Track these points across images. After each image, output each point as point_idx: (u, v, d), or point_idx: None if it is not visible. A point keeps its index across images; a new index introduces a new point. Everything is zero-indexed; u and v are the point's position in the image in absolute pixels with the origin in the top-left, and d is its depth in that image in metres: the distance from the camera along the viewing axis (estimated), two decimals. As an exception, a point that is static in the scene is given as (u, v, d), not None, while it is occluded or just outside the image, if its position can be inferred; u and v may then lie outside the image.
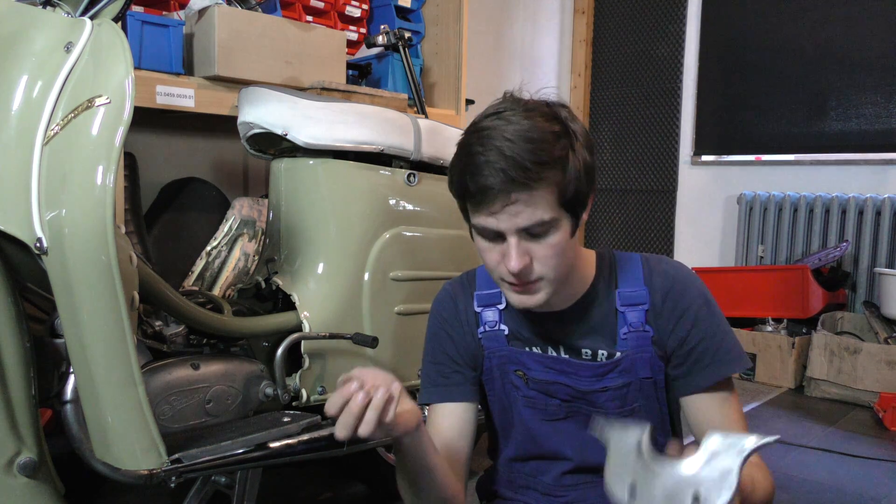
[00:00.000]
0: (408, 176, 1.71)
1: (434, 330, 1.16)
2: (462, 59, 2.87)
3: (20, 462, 1.12)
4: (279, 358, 1.48)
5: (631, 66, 4.28)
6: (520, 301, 1.00)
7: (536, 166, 0.91)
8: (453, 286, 1.17)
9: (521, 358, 1.09)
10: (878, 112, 3.46)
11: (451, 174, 1.00)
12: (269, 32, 2.10)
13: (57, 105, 1.10)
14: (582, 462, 1.09)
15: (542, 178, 0.92)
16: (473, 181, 0.93)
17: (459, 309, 1.14)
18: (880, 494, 2.08)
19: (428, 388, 1.14)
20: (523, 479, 1.13)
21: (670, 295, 1.05)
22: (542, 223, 0.94)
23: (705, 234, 4.04)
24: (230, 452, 1.32)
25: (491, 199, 0.92)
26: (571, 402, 1.08)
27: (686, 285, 1.06)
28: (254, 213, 2.02)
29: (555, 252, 0.97)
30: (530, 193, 0.92)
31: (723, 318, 1.07)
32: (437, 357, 1.14)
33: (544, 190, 0.93)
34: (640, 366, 1.05)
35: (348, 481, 2.05)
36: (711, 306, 1.06)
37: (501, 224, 0.94)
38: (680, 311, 1.04)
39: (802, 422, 2.73)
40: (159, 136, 2.46)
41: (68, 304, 1.08)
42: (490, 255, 0.99)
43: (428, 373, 1.15)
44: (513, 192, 0.91)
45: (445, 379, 1.13)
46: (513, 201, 0.92)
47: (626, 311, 1.06)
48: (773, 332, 3.26)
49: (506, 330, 1.11)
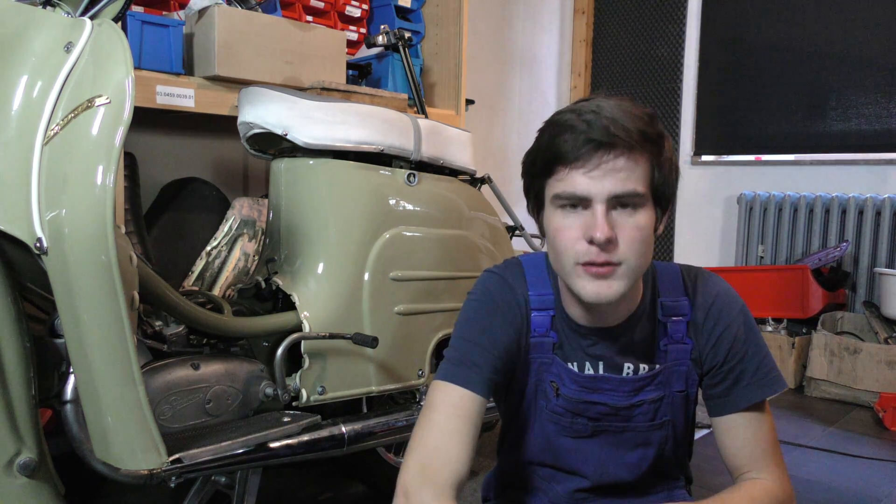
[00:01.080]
0: (408, 176, 1.71)
1: (484, 312, 1.03)
2: (462, 59, 2.87)
3: (20, 462, 1.12)
4: (279, 358, 1.48)
5: (631, 66, 4.28)
6: (595, 290, 0.91)
7: (638, 133, 0.88)
8: (500, 279, 1.05)
9: (560, 371, 1.04)
10: (878, 112, 3.46)
11: (533, 148, 0.95)
12: (269, 32, 2.10)
13: (57, 105, 1.10)
14: (599, 481, 1.06)
15: (643, 148, 0.89)
16: (570, 139, 0.88)
17: (516, 302, 1.03)
18: (880, 494, 2.08)
19: (461, 369, 0.99)
20: (538, 482, 1.10)
21: (712, 311, 1.01)
22: (635, 194, 0.89)
23: (705, 234, 4.04)
24: (230, 452, 1.32)
25: (588, 154, 0.87)
26: (600, 420, 1.04)
27: (728, 303, 1.02)
28: (254, 213, 2.02)
29: (641, 236, 0.90)
30: (630, 157, 0.88)
31: (762, 339, 1.03)
32: (480, 339, 1.00)
33: (642, 160, 0.89)
34: (675, 378, 1.03)
35: (348, 481, 2.05)
36: (751, 326, 1.03)
37: (594, 187, 0.88)
38: (721, 328, 1.01)
39: (802, 422, 2.73)
40: (159, 136, 2.46)
41: (68, 304, 1.08)
42: (567, 234, 0.91)
43: (461, 350, 1.01)
44: (613, 150, 0.87)
45: (478, 367, 0.99)
46: (612, 160, 0.87)
47: (667, 322, 1.03)
48: (773, 332, 3.26)
49: (555, 338, 1.04)
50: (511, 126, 4.21)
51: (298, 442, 1.44)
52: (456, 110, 2.87)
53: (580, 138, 0.88)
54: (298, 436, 1.44)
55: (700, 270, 1.06)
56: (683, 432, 1.08)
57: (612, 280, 0.91)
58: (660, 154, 0.91)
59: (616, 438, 1.05)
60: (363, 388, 1.62)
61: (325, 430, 1.50)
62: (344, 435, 1.52)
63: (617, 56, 4.34)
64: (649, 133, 0.90)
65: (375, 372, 1.63)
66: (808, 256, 3.47)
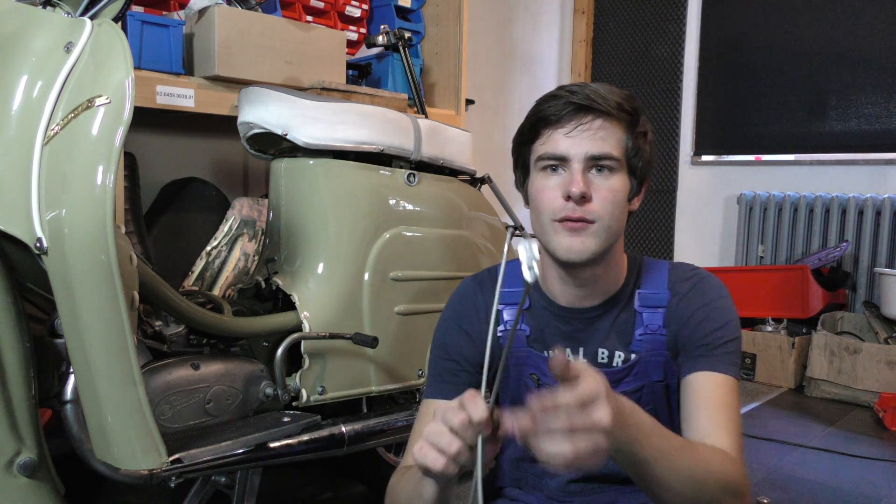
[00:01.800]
0: (408, 176, 1.71)
1: (448, 325, 1.14)
2: (462, 59, 2.87)
3: (20, 462, 1.12)
4: (279, 358, 1.48)
5: (631, 66, 4.28)
6: (569, 244, 0.98)
7: (615, 103, 0.98)
8: (473, 282, 1.15)
9: (538, 362, 1.07)
10: (878, 112, 3.46)
11: (524, 121, 1.04)
12: (269, 32, 2.10)
13: (57, 105, 1.10)
14: (588, 471, 1.08)
15: (619, 117, 0.99)
16: (553, 104, 0.99)
17: (479, 305, 1.12)
18: (880, 494, 2.08)
19: (437, 383, 1.12)
20: (532, 479, 1.12)
21: (690, 292, 1.05)
22: (610, 157, 0.98)
23: (705, 234, 4.04)
24: (230, 452, 1.32)
25: (568, 116, 0.98)
26: None
27: (709, 284, 1.06)
28: (254, 213, 2.02)
29: (615, 198, 0.99)
30: (606, 122, 0.98)
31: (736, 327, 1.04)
32: (450, 353, 1.12)
33: (618, 127, 0.99)
34: (652, 369, 1.05)
35: (348, 481, 2.05)
36: (727, 303, 1.05)
37: (573, 147, 0.98)
38: (697, 303, 1.04)
39: (802, 422, 2.73)
40: (159, 136, 2.46)
41: (68, 304, 1.08)
42: (548, 193, 1.00)
43: (437, 368, 1.13)
44: (591, 113, 0.98)
45: (454, 377, 1.10)
46: (589, 122, 0.97)
47: (644, 312, 1.06)
48: (773, 332, 3.26)
49: (527, 331, 1.10)
50: (511, 126, 4.20)
51: (298, 442, 1.44)
52: (456, 110, 2.87)
53: (562, 102, 0.98)
54: (298, 436, 1.44)
55: (689, 265, 1.10)
56: (668, 423, 1.08)
57: (585, 236, 0.98)
58: (635, 125, 1.01)
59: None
60: (363, 388, 1.62)
61: (325, 430, 1.50)
62: (344, 435, 1.52)
63: (617, 56, 4.34)
64: (625, 105, 1.00)
65: (375, 372, 1.63)
66: (808, 256, 3.47)
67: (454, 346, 1.12)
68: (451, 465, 0.78)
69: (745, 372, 3.30)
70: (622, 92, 1.01)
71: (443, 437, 0.78)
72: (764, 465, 2.28)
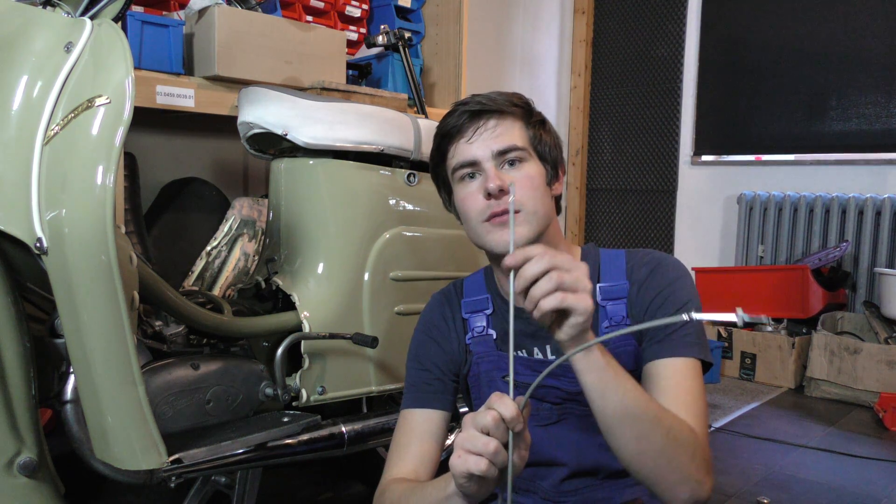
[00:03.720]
0: (408, 176, 1.71)
1: (421, 337, 1.19)
2: (462, 59, 2.87)
3: (20, 462, 1.12)
4: (279, 358, 1.48)
5: (631, 66, 4.28)
6: (501, 237, 1.01)
7: (505, 101, 1.05)
8: (441, 295, 1.21)
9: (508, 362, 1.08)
10: (878, 112, 3.46)
11: (432, 148, 1.11)
12: (269, 32, 2.10)
13: (57, 105, 1.10)
14: (578, 467, 1.08)
15: (510, 112, 1.05)
16: (450, 119, 1.06)
17: (447, 316, 1.17)
18: (880, 494, 2.08)
19: (413, 393, 1.15)
20: (523, 483, 1.12)
21: (649, 278, 1.06)
22: (515, 148, 1.03)
23: (705, 234, 4.04)
24: (230, 452, 1.32)
25: (466, 125, 1.04)
26: (563, 405, 1.08)
27: (665, 266, 1.06)
28: (254, 213, 2.02)
29: (532, 183, 1.03)
30: (501, 119, 1.04)
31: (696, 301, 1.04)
32: (423, 363, 1.16)
33: (513, 120, 1.05)
34: (624, 359, 1.03)
35: (348, 481, 2.05)
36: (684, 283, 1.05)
37: (479, 150, 1.03)
38: (654, 289, 1.05)
39: (802, 422, 2.73)
40: (159, 136, 2.46)
41: (68, 304, 1.08)
42: (472, 200, 1.04)
43: (412, 378, 1.17)
44: (484, 115, 1.03)
45: (429, 386, 1.14)
46: (485, 123, 1.03)
47: (606, 305, 1.07)
48: (773, 332, 3.26)
49: (494, 335, 1.12)
50: (511, 126, 4.20)
51: (298, 442, 1.44)
52: (456, 110, 2.86)
53: (457, 114, 1.05)
54: (298, 436, 1.44)
55: (647, 251, 1.11)
56: None
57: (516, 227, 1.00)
58: (530, 116, 1.07)
59: (583, 422, 1.07)
60: (363, 388, 1.62)
61: (325, 430, 1.50)
62: (344, 435, 1.52)
63: (617, 56, 4.34)
64: (515, 100, 1.06)
65: (375, 372, 1.63)
66: (808, 256, 3.47)
67: (426, 355, 1.16)
68: (492, 467, 0.79)
69: (745, 372, 3.30)
70: (510, 92, 1.08)
71: (478, 440, 0.79)
72: (764, 465, 2.28)
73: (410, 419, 1.13)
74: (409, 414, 1.14)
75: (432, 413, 1.12)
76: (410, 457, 1.09)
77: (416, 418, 1.13)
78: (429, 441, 1.11)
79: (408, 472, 1.07)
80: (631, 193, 4.32)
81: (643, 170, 4.25)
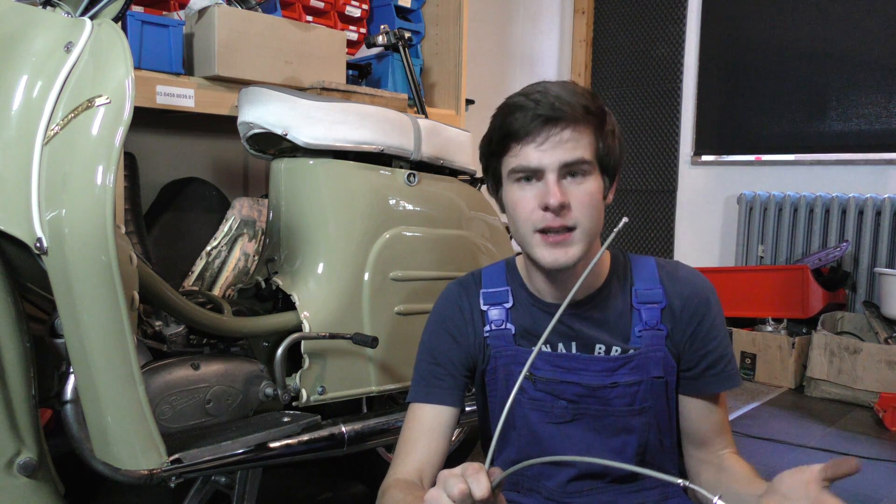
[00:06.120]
0: (408, 176, 1.71)
1: (434, 328, 1.15)
2: (462, 59, 2.87)
3: (20, 462, 1.12)
4: (279, 358, 1.48)
5: (631, 66, 4.28)
6: (553, 257, 0.99)
7: (581, 108, 0.98)
8: (458, 285, 1.16)
9: (528, 357, 1.08)
10: (878, 112, 3.46)
11: (489, 129, 1.04)
12: (269, 32, 2.10)
13: (57, 105, 1.10)
14: (587, 468, 1.07)
15: (586, 120, 0.98)
16: (520, 117, 0.97)
17: (464, 308, 1.13)
18: (880, 494, 2.08)
19: (421, 386, 1.13)
20: (528, 482, 1.12)
21: (690, 299, 1.07)
22: (583, 161, 0.98)
23: (705, 234, 4.04)
24: (230, 452, 1.32)
25: (537, 129, 0.97)
26: (579, 403, 1.07)
27: (707, 293, 1.09)
28: (254, 213, 2.02)
29: (591, 201, 0.99)
30: (575, 129, 0.97)
31: (727, 332, 1.11)
32: (435, 357, 1.13)
33: (586, 131, 0.99)
34: (652, 364, 1.05)
35: (348, 481, 2.05)
36: (722, 318, 1.10)
37: (545, 158, 0.97)
38: (700, 315, 1.06)
39: (802, 422, 2.73)
40: (159, 136, 2.46)
41: (68, 304, 1.08)
42: (524, 204, 1.00)
43: (422, 371, 1.14)
44: (560, 123, 0.97)
45: (440, 381, 1.12)
46: (559, 132, 0.96)
47: (641, 309, 1.07)
48: (773, 332, 3.26)
49: (512, 329, 1.10)
50: (511, 126, 4.20)
51: (298, 442, 1.44)
52: (456, 110, 2.87)
53: (529, 115, 0.97)
54: (298, 436, 1.44)
55: (677, 262, 1.13)
56: (667, 422, 1.10)
57: (569, 247, 0.99)
58: (602, 126, 1.01)
59: (597, 423, 1.07)
60: (363, 388, 1.62)
61: (325, 430, 1.50)
62: (344, 435, 1.52)
63: (617, 56, 4.34)
64: (591, 107, 0.99)
65: (375, 372, 1.63)
66: (808, 256, 3.47)
67: (440, 349, 1.13)
68: None
69: (745, 372, 3.30)
70: (586, 92, 1.01)
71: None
72: (764, 465, 2.27)
73: (420, 414, 1.11)
74: (419, 409, 1.12)
75: (441, 409, 1.10)
76: (418, 454, 1.08)
77: (425, 414, 1.11)
78: (437, 439, 1.09)
79: (413, 469, 1.06)
80: (631, 193, 4.32)
81: (643, 169, 4.25)
